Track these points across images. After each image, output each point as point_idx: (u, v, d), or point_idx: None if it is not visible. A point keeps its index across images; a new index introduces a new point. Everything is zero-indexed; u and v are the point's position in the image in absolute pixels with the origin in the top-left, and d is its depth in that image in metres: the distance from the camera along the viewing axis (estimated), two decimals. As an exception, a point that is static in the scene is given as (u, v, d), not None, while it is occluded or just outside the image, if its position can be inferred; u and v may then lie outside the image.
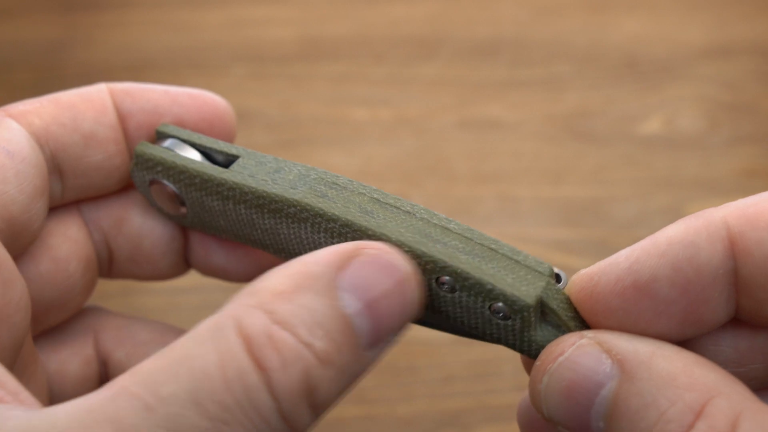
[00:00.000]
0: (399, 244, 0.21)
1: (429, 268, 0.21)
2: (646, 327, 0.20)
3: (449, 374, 0.42)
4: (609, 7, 0.60)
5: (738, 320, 0.20)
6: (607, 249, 0.46)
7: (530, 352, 0.22)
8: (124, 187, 0.27)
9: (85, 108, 0.25)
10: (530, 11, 0.60)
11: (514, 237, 0.47)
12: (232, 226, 0.25)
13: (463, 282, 0.21)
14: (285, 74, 0.57)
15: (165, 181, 0.25)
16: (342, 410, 0.41)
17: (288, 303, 0.18)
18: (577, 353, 0.19)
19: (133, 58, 0.58)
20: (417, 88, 0.56)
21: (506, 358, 0.43)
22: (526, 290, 0.21)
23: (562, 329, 0.21)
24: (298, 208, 0.23)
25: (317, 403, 0.18)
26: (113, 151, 0.25)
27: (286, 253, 0.24)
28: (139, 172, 0.25)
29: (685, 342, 0.20)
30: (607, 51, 0.57)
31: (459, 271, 0.21)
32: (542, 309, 0.21)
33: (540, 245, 0.46)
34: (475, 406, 0.41)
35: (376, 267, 0.19)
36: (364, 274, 0.19)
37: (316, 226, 0.23)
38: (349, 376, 0.18)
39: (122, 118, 0.25)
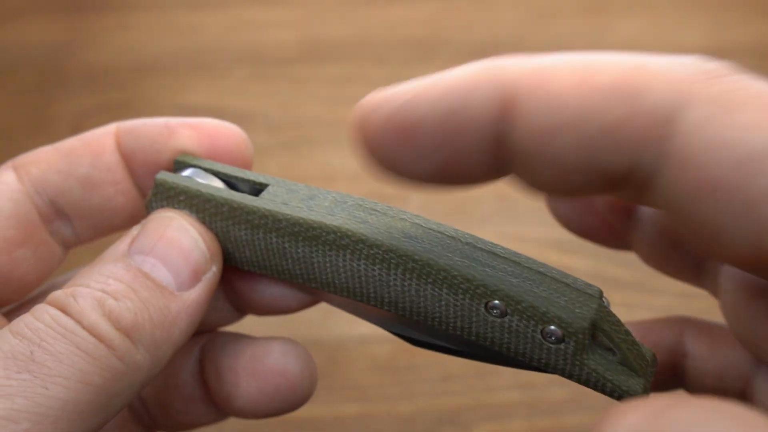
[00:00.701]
0: (447, 269, 0.21)
1: (479, 293, 0.21)
2: (408, 168, 0.19)
3: (449, 373, 0.42)
4: (606, 11, 0.60)
5: None
6: (603, 248, 0.45)
7: (580, 377, 0.21)
8: None
9: (83, 152, 0.26)
10: (528, 14, 0.60)
11: (513, 237, 0.47)
12: (259, 256, 0.24)
13: (515, 306, 0.21)
14: (286, 76, 0.57)
15: (186, 211, 0.24)
16: (341, 408, 0.41)
17: (82, 276, 0.22)
18: None
19: (137, 61, 0.58)
20: (417, 89, 0.56)
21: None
22: (580, 312, 0.20)
23: (614, 352, 0.21)
24: (339, 234, 0.22)
25: (125, 326, 0.21)
26: (112, 192, 0.25)
27: (318, 282, 0.24)
28: (158, 202, 0.24)
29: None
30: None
31: (511, 294, 0.21)
32: (594, 332, 0.21)
33: (538, 245, 0.46)
34: (475, 404, 0.41)
35: (150, 226, 0.23)
36: (143, 234, 0.23)
37: (357, 252, 0.22)
38: (163, 309, 0.21)
39: (127, 156, 0.26)
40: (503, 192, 0.50)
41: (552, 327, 0.20)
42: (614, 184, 0.17)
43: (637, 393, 0.21)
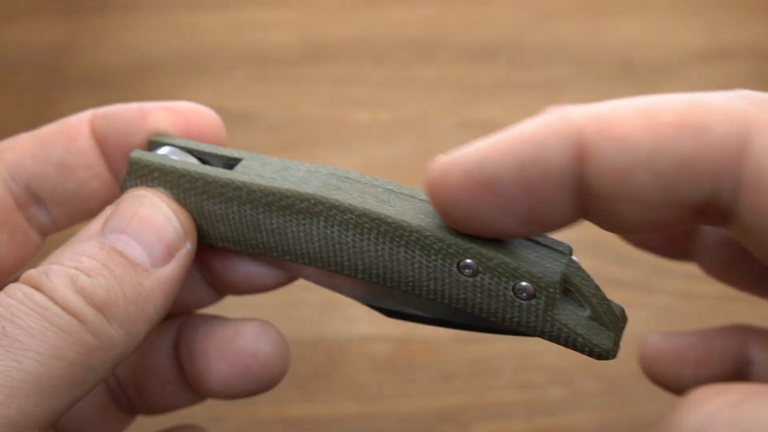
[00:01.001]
0: (420, 230, 0.21)
1: (452, 252, 0.21)
2: (491, 223, 0.20)
3: (448, 372, 0.42)
4: (605, 11, 0.60)
5: None
6: (603, 248, 0.45)
7: (552, 333, 0.21)
8: None
9: (58, 138, 0.26)
10: (528, 15, 0.60)
11: (512, 237, 0.47)
12: (233, 231, 0.24)
13: (487, 263, 0.21)
14: (287, 77, 0.57)
15: (161, 189, 0.24)
16: (341, 407, 0.41)
17: (54, 255, 0.22)
18: None
19: (138, 61, 0.58)
20: (416, 90, 0.56)
21: (505, 356, 0.43)
22: (550, 267, 0.21)
23: (585, 307, 0.21)
24: (312, 201, 0.22)
25: (98, 302, 0.21)
26: (86, 176, 0.26)
27: (292, 254, 0.24)
28: (132, 180, 0.24)
29: None
30: (604, 54, 0.57)
31: (483, 252, 0.21)
32: (564, 287, 0.21)
33: (538, 245, 0.46)
34: (474, 403, 0.41)
35: (122, 204, 0.23)
36: (117, 213, 0.23)
37: (330, 219, 0.22)
38: (136, 285, 0.22)
39: (101, 141, 0.26)
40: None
41: (523, 283, 0.21)
42: (695, 215, 0.18)
43: (608, 348, 0.21)
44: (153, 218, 0.23)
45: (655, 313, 0.44)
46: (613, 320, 0.22)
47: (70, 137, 0.26)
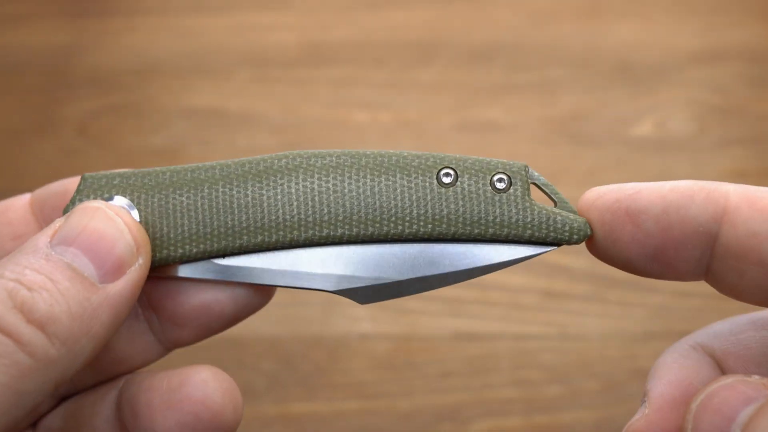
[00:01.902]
0: (398, 153, 0.23)
1: (431, 164, 0.23)
2: (623, 248, 0.22)
3: (447, 370, 0.42)
4: (602, 14, 0.60)
5: None
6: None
7: (533, 221, 0.23)
8: None
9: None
10: (526, 17, 0.60)
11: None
12: (200, 223, 0.23)
13: (464, 165, 0.23)
14: (288, 78, 0.57)
15: (118, 196, 0.23)
16: (343, 404, 0.41)
17: (1, 265, 0.20)
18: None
19: (141, 63, 0.58)
20: (416, 91, 0.56)
21: (503, 354, 0.43)
22: (515, 162, 0.23)
23: (553, 200, 0.24)
24: (291, 156, 0.23)
25: (38, 318, 0.19)
26: (11, 246, 0.25)
27: (268, 229, 0.23)
28: (84, 198, 0.23)
29: None
30: (601, 56, 0.57)
31: (458, 157, 0.23)
32: (531, 182, 0.23)
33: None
34: (473, 400, 0.41)
35: (74, 217, 0.22)
36: (67, 225, 0.21)
37: (310, 169, 0.23)
38: (83, 301, 0.20)
39: (39, 205, 0.25)
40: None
41: (498, 174, 0.23)
42: None
43: (582, 223, 0.23)
44: (104, 231, 0.21)
45: (651, 312, 0.44)
46: (575, 211, 0.24)
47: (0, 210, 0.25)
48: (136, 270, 0.22)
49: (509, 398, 0.41)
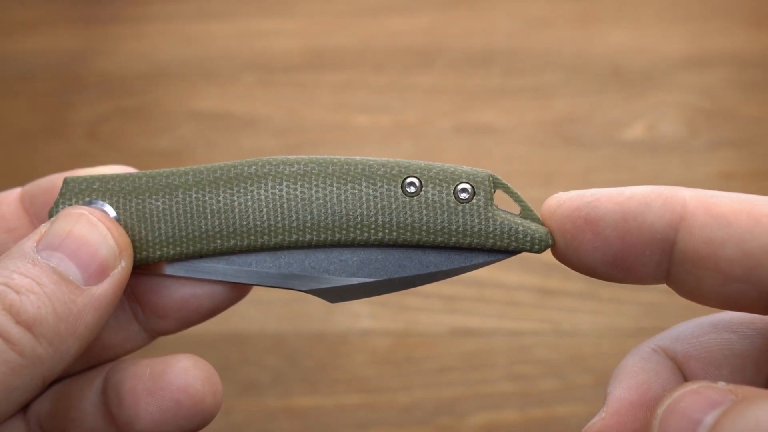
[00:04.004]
0: (364, 160, 0.23)
1: (395, 173, 0.23)
2: (584, 255, 0.22)
3: (445, 365, 0.42)
4: (595, 20, 0.60)
5: None
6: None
7: (495, 232, 0.23)
8: None
9: None
10: (522, 23, 0.60)
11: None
12: (175, 227, 0.23)
13: (428, 174, 0.23)
14: (291, 82, 0.57)
15: (99, 202, 0.23)
16: (344, 398, 0.41)
17: None
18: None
19: (149, 68, 0.58)
20: (415, 95, 0.56)
21: (499, 349, 0.43)
22: (480, 171, 0.23)
23: (519, 208, 0.23)
24: (260, 163, 0.23)
25: (26, 320, 0.20)
26: (5, 238, 0.25)
27: (239, 233, 0.23)
28: (67, 202, 0.23)
29: None
30: (594, 61, 0.57)
31: (422, 166, 0.23)
32: (495, 188, 0.23)
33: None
34: (470, 394, 0.41)
35: (58, 222, 0.22)
36: (52, 230, 0.22)
37: (278, 176, 0.23)
38: (68, 303, 0.21)
39: (29, 200, 0.25)
40: (497, 193, 0.50)
41: (462, 184, 0.23)
42: (765, 302, 0.20)
43: (544, 234, 0.23)
44: (88, 236, 0.22)
45: (643, 309, 0.44)
46: (538, 219, 0.23)
47: None
48: (119, 272, 0.22)
49: (505, 392, 0.41)
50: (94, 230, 0.22)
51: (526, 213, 0.23)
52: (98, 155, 0.53)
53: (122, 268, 0.22)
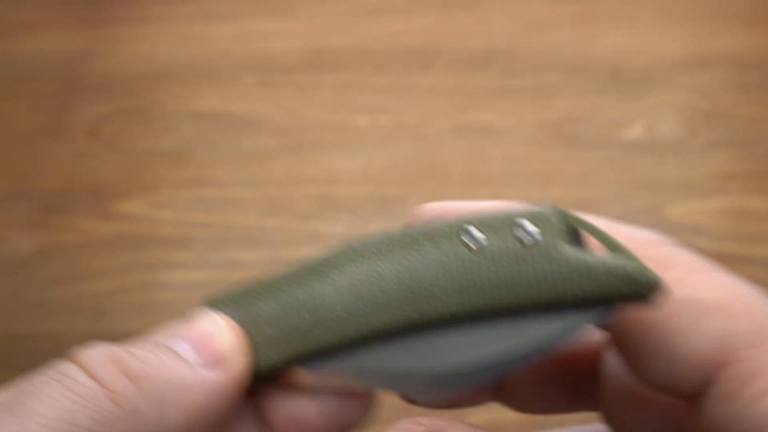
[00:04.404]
0: (419, 224, 0.20)
1: (452, 225, 0.20)
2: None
3: (445, 364, 0.42)
4: (594, 21, 0.60)
5: None
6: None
7: (572, 278, 0.18)
8: None
9: None
10: (521, 24, 0.60)
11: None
12: (278, 325, 0.21)
13: (482, 220, 0.19)
14: (292, 83, 0.57)
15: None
16: (345, 398, 0.41)
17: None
18: None
19: (150, 69, 0.58)
20: (415, 96, 0.56)
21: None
22: (542, 206, 0.19)
23: (601, 244, 0.19)
24: (337, 250, 0.20)
25: (133, 372, 0.19)
26: None
27: (323, 325, 0.21)
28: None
29: None
30: (593, 62, 0.57)
31: (475, 214, 0.20)
32: (566, 227, 0.19)
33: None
34: (470, 394, 0.41)
35: (185, 319, 0.21)
36: (178, 326, 0.21)
37: (353, 257, 0.20)
38: (182, 375, 0.20)
39: None
40: (496, 194, 0.50)
41: (524, 221, 0.19)
42: None
43: (655, 280, 0.18)
44: (207, 328, 0.21)
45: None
46: (633, 257, 0.18)
47: None
48: (235, 366, 0.21)
49: (505, 392, 0.41)
50: (213, 324, 0.21)
51: (613, 247, 0.18)
52: (99, 155, 0.53)
53: (240, 363, 0.21)
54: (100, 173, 0.51)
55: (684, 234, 0.48)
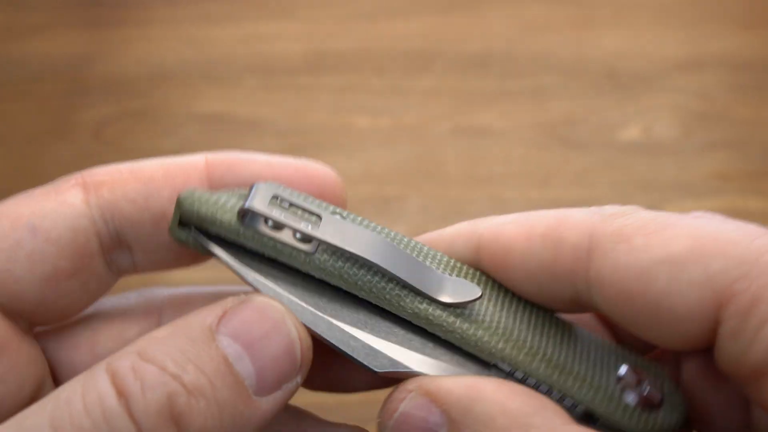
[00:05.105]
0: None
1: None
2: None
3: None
4: (591, 24, 0.60)
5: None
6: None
7: None
8: None
9: (164, 184, 0.22)
10: (519, 27, 0.60)
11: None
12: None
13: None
14: (293, 85, 0.57)
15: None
16: (346, 395, 0.41)
17: (160, 345, 0.17)
18: (409, 407, 0.19)
19: (153, 70, 0.58)
20: (414, 98, 0.56)
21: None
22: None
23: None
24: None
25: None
26: None
27: None
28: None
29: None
30: (590, 64, 0.57)
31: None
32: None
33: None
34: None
35: (252, 312, 0.19)
36: (241, 319, 0.19)
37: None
38: (235, 416, 0.18)
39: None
40: (495, 194, 0.50)
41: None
42: (570, 306, 0.21)
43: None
44: (278, 343, 0.19)
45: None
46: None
47: (177, 186, 0.22)
48: (291, 388, 0.19)
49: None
50: (286, 336, 0.19)
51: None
52: (103, 156, 0.53)
53: (296, 383, 0.19)
54: (105, 174, 0.52)
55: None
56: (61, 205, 0.21)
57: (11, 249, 0.20)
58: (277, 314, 0.19)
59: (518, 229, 0.21)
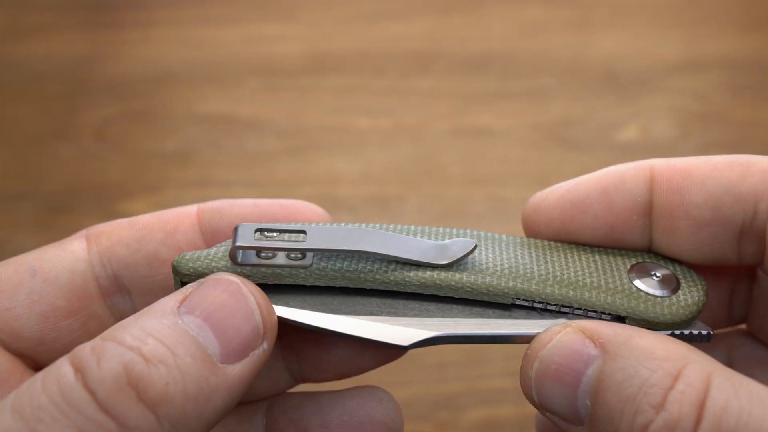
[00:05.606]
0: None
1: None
2: (577, 236, 0.23)
3: (443, 361, 0.42)
4: (590, 26, 0.60)
5: None
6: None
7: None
8: None
9: (157, 228, 0.23)
10: (518, 29, 0.60)
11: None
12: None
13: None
14: (294, 86, 0.57)
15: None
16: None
17: (123, 327, 0.18)
18: (564, 339, 0.20)
19: (155, 72, 0.58)
20: (414, 99, 0.56)
21: (495, 347, 0.43)
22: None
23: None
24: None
25: (151, 398, 0.17)
26: None
27: None
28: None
29: None
30: (588, 65, 0.57)
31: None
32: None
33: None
34: (467, 390, 0.41)
35: (208, 287, 0.19)
36: (199, 295, 0.19)
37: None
38: (200, 381, 0.18)
39: (212, 234, 0.23)
40: (494, 194, 0.50)
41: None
42: (737, 239, 0.21)
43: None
44: (235, 309, 0.19)
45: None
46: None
47: (168, 230, 0.23)
48: (259, 355, 0.19)
49: (502, 388, 0.41)
50: (243, 303, 0.19)
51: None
52: (105, 156, 0.53)
53: (263, 350, 0.20)
54: (106, 174, 0.51)
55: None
56: (63, 252, 0.22)
57: (12, 290, 0.21)
58: (233, 285, 0.20)
59: (695, 160, 0.22)
